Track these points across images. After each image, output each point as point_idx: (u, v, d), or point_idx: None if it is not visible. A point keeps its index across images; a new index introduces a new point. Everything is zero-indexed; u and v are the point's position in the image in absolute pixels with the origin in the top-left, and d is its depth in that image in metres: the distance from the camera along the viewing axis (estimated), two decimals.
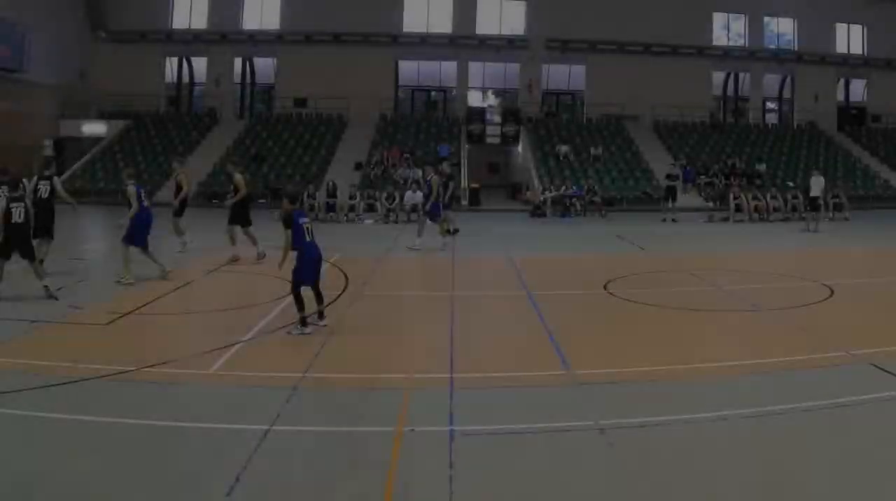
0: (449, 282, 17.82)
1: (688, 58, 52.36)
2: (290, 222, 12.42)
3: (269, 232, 19.25)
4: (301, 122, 49.74)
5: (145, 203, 17.35)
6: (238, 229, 20.01)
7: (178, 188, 21.33)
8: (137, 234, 17.09)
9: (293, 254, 12.56)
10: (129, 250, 16.95)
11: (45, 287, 14.65)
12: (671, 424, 8.42)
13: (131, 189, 17.21)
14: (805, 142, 50.47)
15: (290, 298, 12.46)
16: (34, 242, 16.23)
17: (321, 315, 12.73)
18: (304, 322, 12.21)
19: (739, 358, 11.17)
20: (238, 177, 20.29)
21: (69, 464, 7.18)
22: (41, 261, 16.17)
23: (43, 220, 16.99)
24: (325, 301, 13.05)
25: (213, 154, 44.35)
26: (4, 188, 15.93)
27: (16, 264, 14.90)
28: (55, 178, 17.53)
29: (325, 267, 13.68)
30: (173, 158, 25.80)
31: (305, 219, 12.69)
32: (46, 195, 17.26)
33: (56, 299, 14.39)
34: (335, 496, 6.71)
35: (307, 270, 12.49)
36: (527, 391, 9.59)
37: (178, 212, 21.38)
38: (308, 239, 12.49)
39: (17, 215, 14.46)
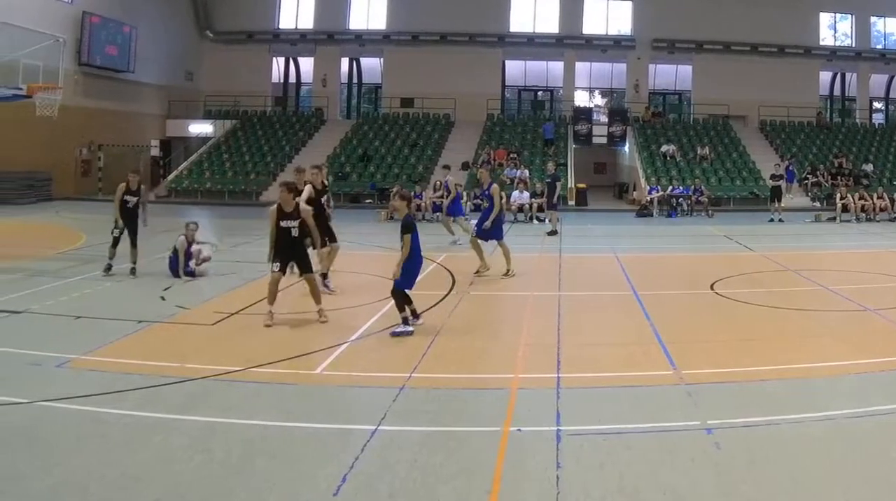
0: (555, 281, 17.73)
1: (794, 58, 51.57)
2: (413, 229, 12.28)
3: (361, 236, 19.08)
4: (408, 122, 50.07)
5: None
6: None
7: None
8: (496, 229, 18.10)
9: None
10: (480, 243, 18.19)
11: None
12: (778, 424, 8.29)
13: (496, 187, 18.23)
14: None
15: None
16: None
17: (415, 313, 12.59)
18: (406, 321, 12.06)
19: (846, 357, 10.98)
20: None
21: (175, 464, 7.27)
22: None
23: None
24: (433, 301, 13.07)
25: (320, 153, 44.92)
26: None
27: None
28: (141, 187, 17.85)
29: (432, 266, 13.64)
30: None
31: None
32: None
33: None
34: (441, 496, 6.72)
35: (412, 277, 12.43)
36: (634, 391, 9.52)
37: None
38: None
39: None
